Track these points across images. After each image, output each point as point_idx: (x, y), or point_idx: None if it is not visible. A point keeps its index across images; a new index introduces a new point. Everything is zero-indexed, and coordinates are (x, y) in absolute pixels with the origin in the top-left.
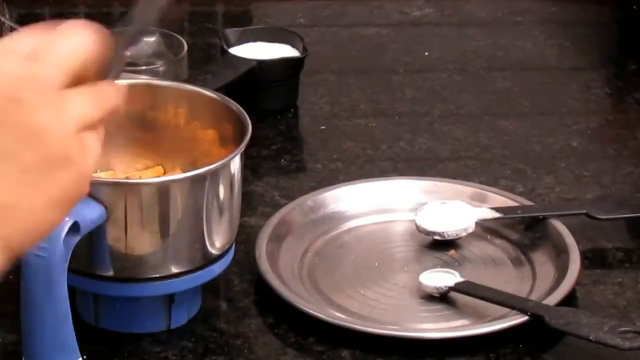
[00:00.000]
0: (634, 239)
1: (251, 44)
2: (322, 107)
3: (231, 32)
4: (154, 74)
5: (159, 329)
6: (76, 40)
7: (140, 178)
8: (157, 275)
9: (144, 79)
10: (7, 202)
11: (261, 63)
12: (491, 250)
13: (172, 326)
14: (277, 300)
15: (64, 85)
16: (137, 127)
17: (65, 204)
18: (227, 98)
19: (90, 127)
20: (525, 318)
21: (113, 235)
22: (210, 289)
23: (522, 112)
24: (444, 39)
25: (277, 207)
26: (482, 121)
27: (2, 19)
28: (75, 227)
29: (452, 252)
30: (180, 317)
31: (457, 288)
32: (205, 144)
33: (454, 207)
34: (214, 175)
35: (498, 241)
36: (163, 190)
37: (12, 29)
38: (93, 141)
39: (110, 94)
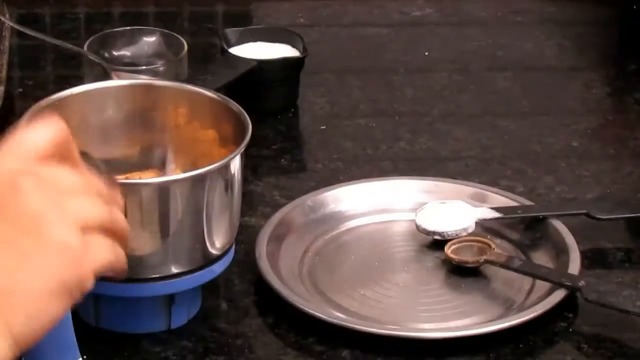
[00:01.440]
0: (634, 239)
1: (251, 44)
2: (322, 107)
3: (231, 32)
4: (154, 74)
5: (159, 329)
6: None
7: (140, 178)
8: (157, 276)
9: (144, 79)
10: (6, 287)
11: (261, 63)
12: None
13: (172, 326)
14: (277, 300)
15: (38, 156)
16: (137, 127)
17: (65, 295)
18: (227, 98)
19: (95, 229)
20: (526, 318)
21: None
22: (210, 289)
23: (522, 112)
24: (444, 39)
25: (277, 207)
26: (482, 121)
27: (2, 19)
28: None
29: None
30: (181, 317)
31: None
32: (205, 144)
33: (454, 207)
34: (214, 175)
35: (498, 241)
36: (163, 191)
37: (12, 29)
38: (100, 244)
39: (110, 200)
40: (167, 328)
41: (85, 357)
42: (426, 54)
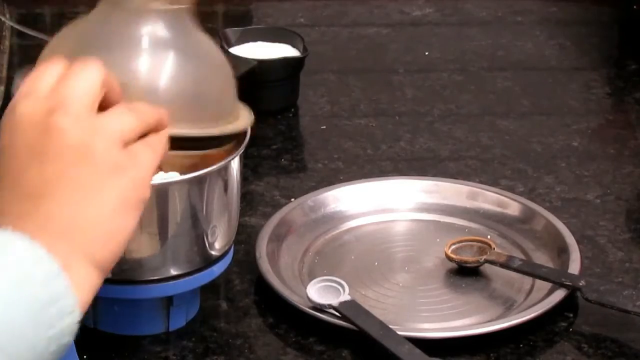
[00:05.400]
0: (634, 239)
1: (251, 44)
2: (322, 107)
3: (231, 32)
4: None
5: (158, 332)
6: (90, 74)
7: None
8: (156, 278)
9: None
10: (80, 224)
11: (261, 63)
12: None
13: (171, 328)
14: (277, 300)
15: (92, 108)
16: None
17: (130, 208)
18: None
19: (136, 137)
20: (526, 318)
21: None
22: (210, 288)
23: (522, 112)
24: (444, 39)
25: (277, 207)
26: (482, 121)
27: (2, 19)
28: None
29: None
30: (179, 319)
31: (340, 308)
32: None
33: None
34: (214, 177)
35: (498, 241)
36: (162, 193)
37: (12, 29)
38: (143, 149)
39: (144, 109)
40: (166, 330)
41: (85, 357)
42: (426, 54)
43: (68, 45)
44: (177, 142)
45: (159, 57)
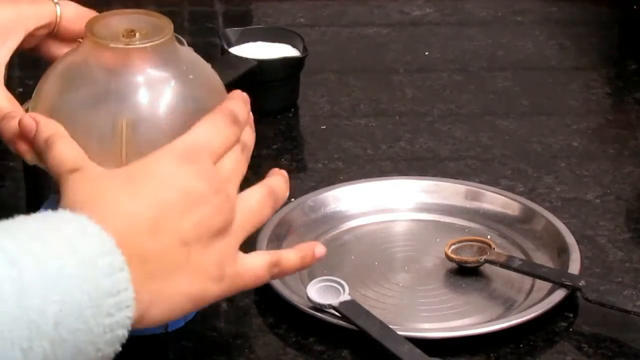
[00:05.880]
0: (634, 239)
1: (251, 44)
2: (322, 107)
3: (231, 32)
4: None
5: (156, 332)
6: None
7: None
8: None
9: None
10: (165, 289)
11: (261, 63)
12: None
13: (170, 328)
14: (277, 300)
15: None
16: None
17: (200, 306)
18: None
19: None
20: (526, 318)
21: None
22: None
23: (522, 112)
24: (444, 38)
25: None
26: (482, 121)
27: None
28: None
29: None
30: (178, 320)
31: (340, 308)
32: None
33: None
34: None
35: (498, 241)
36: None
37: None
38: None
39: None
40: (165, 331)
41: None
42: (426, 54)
43: (58, 87)
44: None
45: (156, 95)
